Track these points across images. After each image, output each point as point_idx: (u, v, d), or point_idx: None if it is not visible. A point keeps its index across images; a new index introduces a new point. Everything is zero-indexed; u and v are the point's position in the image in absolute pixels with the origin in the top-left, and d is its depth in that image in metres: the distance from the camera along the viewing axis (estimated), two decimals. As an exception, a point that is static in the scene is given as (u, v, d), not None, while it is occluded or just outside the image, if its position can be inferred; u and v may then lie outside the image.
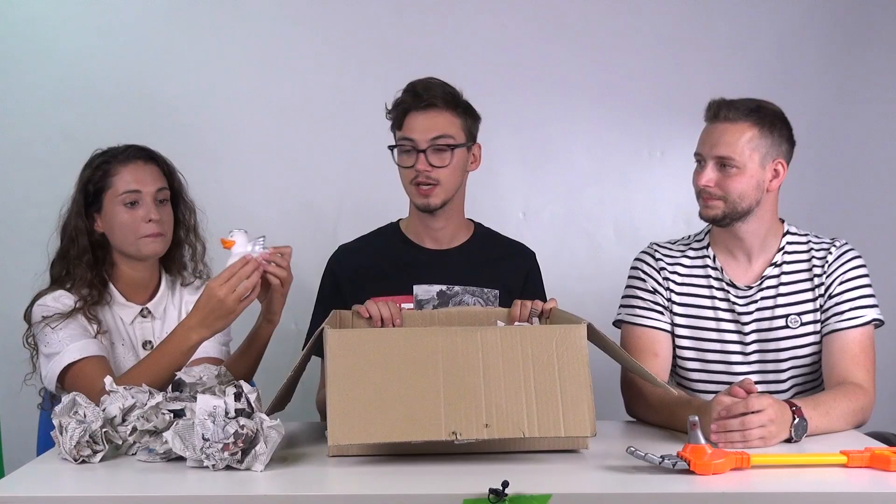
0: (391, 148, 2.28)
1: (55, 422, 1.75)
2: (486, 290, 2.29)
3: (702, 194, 2.11)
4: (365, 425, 1.62)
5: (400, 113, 2.24)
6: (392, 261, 2.32)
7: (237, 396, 1.70)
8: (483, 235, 2.41)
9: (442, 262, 2.31)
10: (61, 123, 3.14)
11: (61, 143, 3.05)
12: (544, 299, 2.34)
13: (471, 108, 2.30)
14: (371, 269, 2.30)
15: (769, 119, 2.08)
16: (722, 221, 2.12)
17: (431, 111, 2.22)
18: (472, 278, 2.30)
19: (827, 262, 2.14)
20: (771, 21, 3.27)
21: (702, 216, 2.14)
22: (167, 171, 2.26)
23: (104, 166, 2.20)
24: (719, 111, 2.09)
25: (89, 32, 3.20)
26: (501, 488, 1.48)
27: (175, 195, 2.28)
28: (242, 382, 1.74)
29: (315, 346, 1.86)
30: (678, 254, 2.23)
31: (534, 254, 2.44)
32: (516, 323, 2.04)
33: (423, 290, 2.27)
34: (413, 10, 3.26)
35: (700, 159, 2.13)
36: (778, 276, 2.16)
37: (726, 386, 2.05)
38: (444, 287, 2.28)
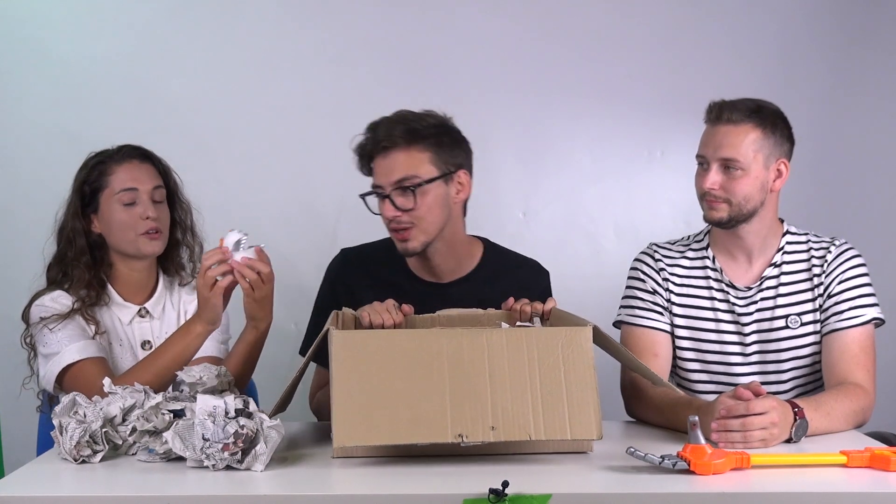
0: (363, 197, 2.15)
1: (55, 422, 1.75)
2: None
3: (706, 197, 2.10)
4: (370, 427, 1.62)
5: (365, 158, 2.14)
6: (391, 284, 2.21)
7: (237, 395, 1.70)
8: (491, 261, 2.27)
9: (442, 296, 2.17)
10: (61, 123, 3.14)
11: (61, 143, 3.05)
12: None
13: (447, 136, 2.15)
14: (371, 285, 2.20)
15: (770, 119, 2.08)
16: (727, 224, 2.11)
17: (392, 152, 2.09)
18: (478, 308, 2.14)
19: (826, 261, 2.14)
20: (771, 21, 3.27)
21: (707, 219, 2.13)
22: (162, 171, 2.26)
23: (100, 167, 2.21)
24: (721, 113, 2.07)
25: (89, 33, 3.21)
26: (501, 488, 1.48)
27: (171, 195, 2.28)
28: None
29: (314, 354, 1.84)
30: (678, 254, 2.23)
31: (547, 273, 2.33)
32: (518, 323, 2.03)
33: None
34: (413, 10, 3.26)
35: (703, 161, 2.11)
36: (777, 276, 2.16)
37: (726, 387, 2.06)
38: None
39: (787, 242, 2.18)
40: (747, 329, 2.16)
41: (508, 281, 2.24)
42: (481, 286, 2.22)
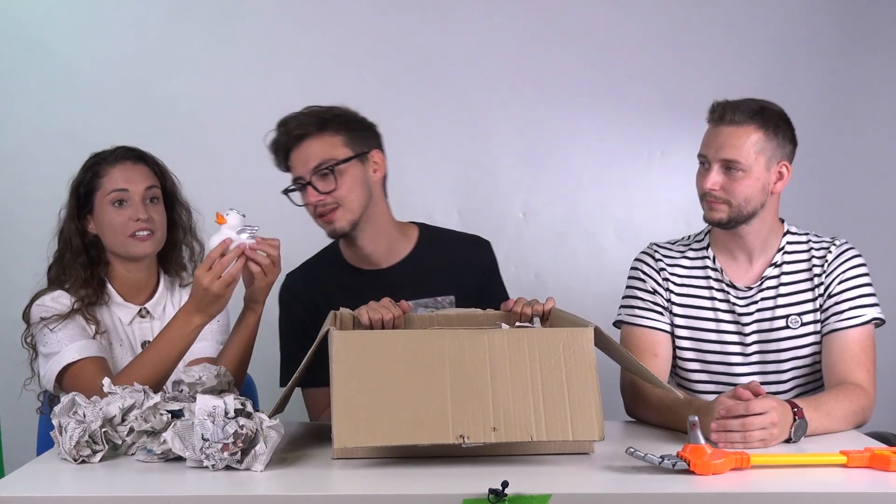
0: (288, 192, 2.21)
1: (55, 422, 1.75)
2: (439, 298, 2.24)
3: (706, 198, 2.10)
4: (371, 428, 1.61)
5: (282, 154, 2.20)
6: (338, 287, 2.25)
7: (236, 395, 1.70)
8: (429, 240, 2.31)
9: (386, 282, 2.22)
10: (61, 123, 3.14)
11: (61, 143, 3.05)
12: (503, 290, 2.33)
13: (353, 120, 2.22)
14: (321, 297, 2.23)
15: (773, 121, 2.08)
16: (727, 225, 2.11)
17: (305, 141, 2.16)
18: (422, 290, 2.22)
19: (826, 261, 2.13)
20: (771, 21, 3.28)
21: (706, 219, 2.13)
22: (158, 172, 2.25)
23: (94, 168, 2.21)
24: (724, 113, 2.07)
25: (89, 33, 3.21)
26: (501, 488, 1.48)
27: (168, 195, 2.27)
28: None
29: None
30: (678, 254, 2.23)
31: (488, 244, 2.38)
32: (517, 324, 2.03)
33: None
34: (413, 10, 3.27)
35: (704, 161, 2.11)
36: (778, 276, 2.16)
37: (727, 387, 2.06)
38: None
39: (788, 242, 2.18)
40: (748, 329, 2.16)
41: (449, 258, 2.28)
42: (421, 266, 2.26)
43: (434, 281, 2.23)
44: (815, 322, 2.13)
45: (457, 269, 2.27)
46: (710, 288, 2.19)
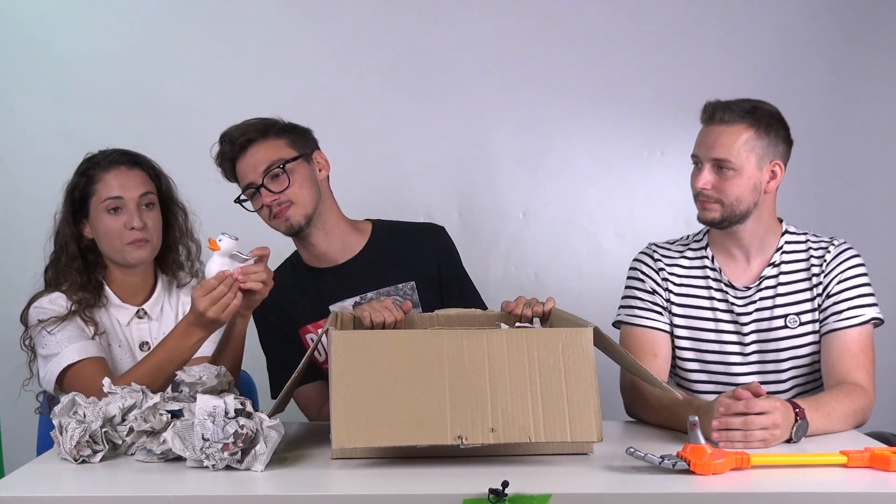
0: (241, 202, 2.25)
1: (55, 422, 1.75)
2: (399, 286, 2.28)
3: (699, 197, 2.11)
4: (369, 428, 1.61)
5: (228, 165, 2.25)
6: (303, 291, 2.30)
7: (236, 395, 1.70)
8: (382, 232, 2.36)
9: (346, 276, 2.29)
10: (61, 123, 3.14)
11: (61, 143, 3.05)
12: (463, 274, 2.36)
13: (290, 124, 2.29)
14: (290, 304, 2.28)
15: (765, 120, 2.08)
16: (720, 224, 2.11)
17: (251, 148, 2.22)
18: (382, 279, 2.28)
19: (825, 261, 2.13)
20: (771, 21, 3.27)
21: (700, 219, 2.13)
22: (153, 175, 2.24)
23: (89, 172, 2.19)
24: (714, 113, 2.08)
25: (89, 33, 3.21)
26: (501, 488, 1.48)
27: (164, 198, 2.26)
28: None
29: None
30: (677, 254, 2.23)
31: (443, 229, 2.41)
32: (517, 324, 2.03)
33: (338, 308, 2.24)
34: (413, 10, 3.26)
35: (697, 161, 2.12)
36: (776, 276, 2.16)
37: (726, 387, 2.07)
38: (356, 298, 2.25)
39: (786, 242, 2.18)
40: (746, 329, 2.16)
41: (404, 247, 2.33)
42: (377, 258, 2.31)
43: (391, 271, 2.29)
44: (813, 322, 2.13)
45: (412, 257, 2.32)
46: (709, 288, 2.19)
